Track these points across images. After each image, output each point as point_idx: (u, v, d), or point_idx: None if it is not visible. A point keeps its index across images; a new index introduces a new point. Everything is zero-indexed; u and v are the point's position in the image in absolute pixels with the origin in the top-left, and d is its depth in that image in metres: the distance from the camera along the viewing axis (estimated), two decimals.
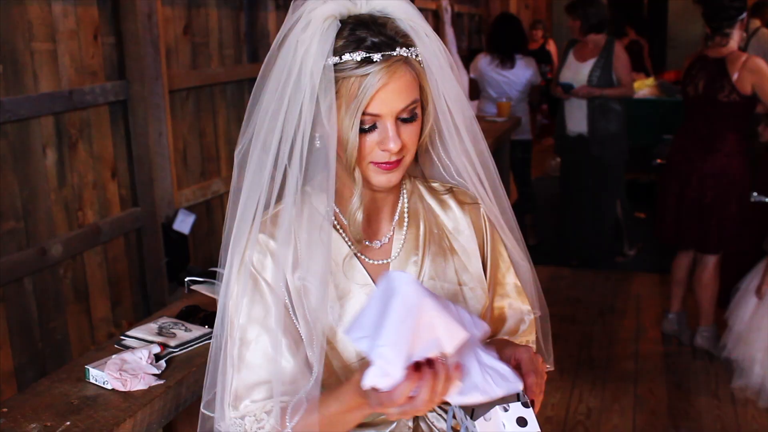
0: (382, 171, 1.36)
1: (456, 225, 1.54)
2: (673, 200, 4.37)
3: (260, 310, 1.37)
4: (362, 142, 1.32)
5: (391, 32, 1.31)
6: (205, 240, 3.92)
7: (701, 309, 4.46)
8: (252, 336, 1.36)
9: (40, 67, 2.87)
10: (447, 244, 1.52)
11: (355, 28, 1.31)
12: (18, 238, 2.78)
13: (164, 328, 2.06)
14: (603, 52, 5.51)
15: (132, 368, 1.82)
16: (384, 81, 1.28)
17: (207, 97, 3.94)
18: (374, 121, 1.31)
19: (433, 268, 1.48)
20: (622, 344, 4.68)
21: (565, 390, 4.09)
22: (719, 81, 4.09)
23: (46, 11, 2.89)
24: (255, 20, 4.30)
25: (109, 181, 3.27)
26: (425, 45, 1.35)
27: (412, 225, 1.50)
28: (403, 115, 1.32)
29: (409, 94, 1.32)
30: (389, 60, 1.28)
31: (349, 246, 1.44)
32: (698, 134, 4.27)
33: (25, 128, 2.81)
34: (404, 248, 1.48)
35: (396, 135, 1.31)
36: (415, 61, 1.33)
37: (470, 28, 9.65)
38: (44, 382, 1.84)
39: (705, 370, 4.31)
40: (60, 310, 2.99)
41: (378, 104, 1.29)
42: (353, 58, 1.28)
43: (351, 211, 1.38)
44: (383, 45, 1.29)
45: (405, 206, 1.50)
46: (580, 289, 5.59)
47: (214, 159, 4.00)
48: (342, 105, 1.29)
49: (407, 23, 1.35)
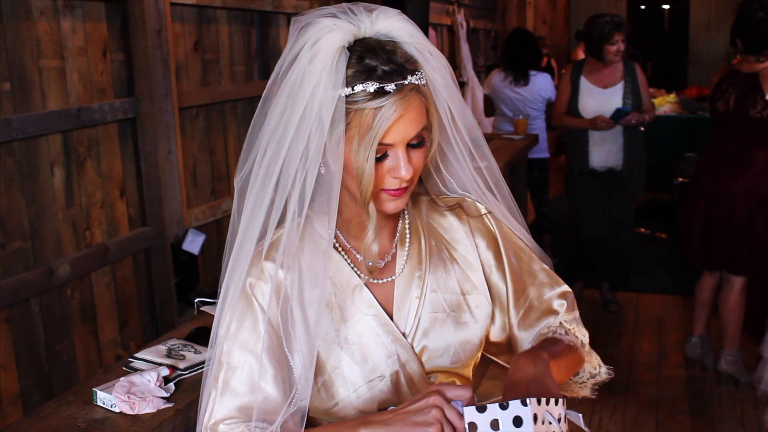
0: (392, 198, 1.37)
1: (454, 234, 1.55)
2: (700, 219, 4.30)
3: (250, 335, 1.37)
4: (376, 172, 1.33)
5: (401, 59, 1.32)
6: (216, 260, 3.93)
7: (726, 332, 4.39)
8: (238, 362, 1.36)
9: (48, 85, 2.90)
10: (446, 254, 1.53)
11: (363, 55, 1.31)
12: (25, 258, 2.80)
13: (173, 350, 2.07)
14: (627, 76, 5.15)
15: (140, 391, 1.83)
16: (400, 113, 1.29)
17: (217, 114, 3.96)
18: (385, 149, 1.33)
19: (435, 281, 1.49)
20: (644, 368, 4.65)
21: (583, 416, 4.06)
22: (752, 96, 4.04)
23: (55, 27, 2.92)
24: (266, 36, 4.33)
25: (118, 200, 3.30)
26: (430, 64, 1.37)
27: (414, 241, 1.51)
28: (413, 141, 1.34)
29: (421, 121, 1.33)
30: (403, 90, 1.29)
31: (358, 276, 1.45)
32: (727, 151, 4.20)
33: (33, 146, 2.84)
34: (408, 264, 1.49)
35: (408, 163, 1.33)
36: (423, 87, 1.34)
37: (486, 44, 9.69)
38: (51, 404, 1.85)
39: (730, 396, 4.27)
40: (67, 331, 3.00)
41: (392, 135, 1.31)
42: (366, 89, 1.28)
43: (366, 244, 1.39)
44: (394, 74, 1.30)
45: (406, 223, 1.52)
46: (599, 310, 5.57)
47: (224, 178, 4.02)
48: (354, 136, 1.30)
49: (413, 47, 1.36)
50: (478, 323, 1.51)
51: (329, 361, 1.40)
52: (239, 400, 1.35)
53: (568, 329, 1.58)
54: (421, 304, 1.46)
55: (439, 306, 1.48)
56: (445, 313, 1.48)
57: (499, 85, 6.25)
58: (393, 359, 1.42)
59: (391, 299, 1.46)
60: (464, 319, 1.49)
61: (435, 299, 1.48)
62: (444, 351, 1.47)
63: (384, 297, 1.46)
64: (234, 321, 1.38)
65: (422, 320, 1.46)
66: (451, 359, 1.48)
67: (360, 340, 1.41)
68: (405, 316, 1.46)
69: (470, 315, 1.50)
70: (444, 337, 1.47)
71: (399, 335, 1.43)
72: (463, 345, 1.49)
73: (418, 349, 1.45)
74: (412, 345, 1.45)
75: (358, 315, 1.43)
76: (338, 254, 1.45)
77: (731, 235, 4.21)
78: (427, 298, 1.47)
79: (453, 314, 1.48)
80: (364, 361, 1.40)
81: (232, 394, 1.36)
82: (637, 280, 6.06)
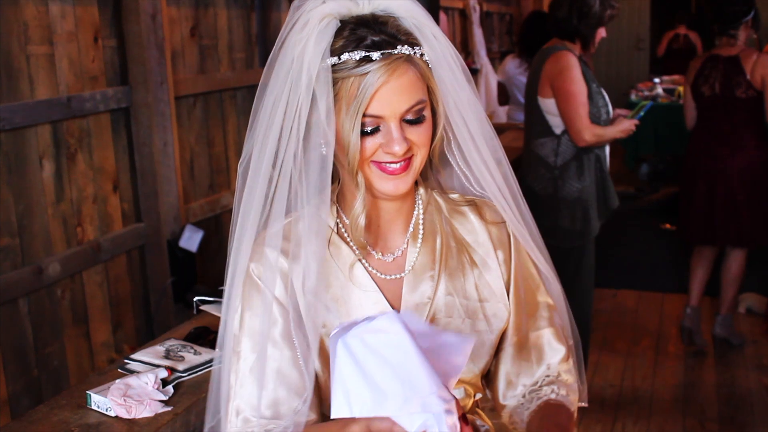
0: (388, 177, 1.38)
1: (475, 238, 1.55)
2: (701, 199, 4.73)
3: (262, 322, 1.38)
4: (365, 145, 1.34)
5: (393, 30, 1.35)
6: (214, 258, 3.94)
7: (725, 298, 4.87)
8: (254, 349, 1.39)
9: (37, 72, 2.91)
10: (467, 258, 1.53)
11: (356, 27, 1.34)
12: (12, 256, 2.81)
13: (172, 351, 2.08)
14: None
15: (137, 394, 1.84)
16: (383, 79, 1.30)
17: (216, 103, 3.97)
18: (377, 123, 1.34)
19: (451, 285, 1.49)
20: (670, 372, 4.65)
21: (606, 423, 4.07)
22: (735, 78, 4.50)
23: (43, 12, 2.93)
24: (267, 21, 4.34)
25: (111, 195, 3.31)
26: (433, 46, 1.38)
27: (428, 238, 1.50)
28: (408, 116, 1.35)
29: (413, 93, 1.34)
30: (389, 58, 1.31)
31: (354, 253, 1.46)
32: (721, 132, 4.64)
33: (21, 138, 2.85)
34: (418, 262, 1.48)
35: (401, 137, 1.34)
36: (419, 59, 1.36)
37: (500, 29, 9.68)
38: (42, 408, 1.86)
39: (762, 403, 4.27)
40: (57, 333, 3.01)
41: (379, 105, 1.32)
42: (352, 57, 1.31)
43: (354, 216, 1.40)
44: (384, 43, 1.32)
45: (420, 218, 1.52)
46: (621, 312, 5.57)
47: (223, 171, 4.03)
48: (342, 107, 1.33)
49: (410, 21, 1.38)
50: (494, 333, 1.52)
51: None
52: (259, 390, 1.37)
53: (566, 385, 1.58)
54: (432, 306, 1.47)
55: (455, 312, 1.48)
56: (460, 319, 1.48)
57: (514, 71, 6.25)
58: None
59: (399, 297, 1.46)
60: (479, 328, 1.50)
61: (451, 303, 1.48)
62: None
63: (392, 294, 1.46)
64: (246, 311, 1.40)
65: (435, 324, 1.46)
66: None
67: None
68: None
69: (486, 323, 1.51)
70: None
71: None
72: (475, 353, 1.48)
73: None
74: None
75: (364, 310, 1.43)
76: (345, 245, 1.46)
77: (736, 211, 4.66)
78: (441, 302, 1.47)
79: (468, 321, 1.49)
80: None
81: (253, 385, 1.37)
82: (663, 280, 6.06)
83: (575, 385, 1.61)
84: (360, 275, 1.45)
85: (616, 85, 10.75)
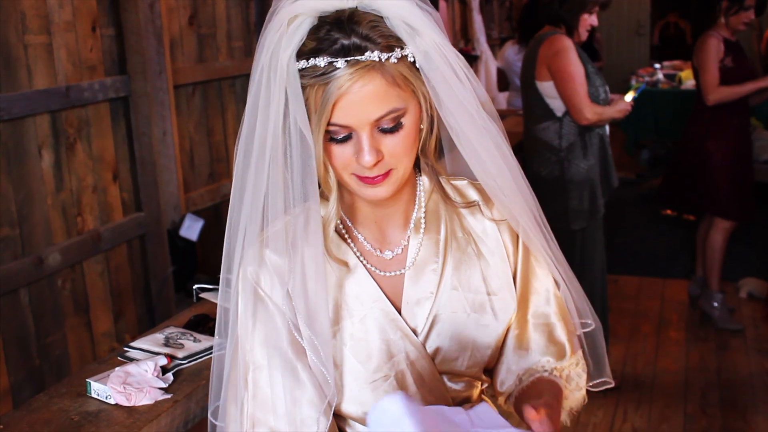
0: (366, 185, 1.33)
1: (483, 227, 1.50)
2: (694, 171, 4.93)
3: (269, 331, 1.36)
4: (334, 154, 1.30)
5: (367, 31, 1.26)
6: (215, 247, 3.94)
7: (710, 273, 4.98)
8: (264, 360, 1.36)
9: (35, 62, 2.90)
10: (474, 249, 1.48)
11: (332, 28, 1.27)
12: (13, 247, 2.82)
13: (171, 338, 2.08)
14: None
15: (137, 381, 1.84)
16: (345, 89, 1.24)
17: (215, 92, 3.97)
18: (347, 131, 1.28)
19: (456, 277, 1.45)
20: (671, 358, 4.66)
21: (607, 408, 4.08)
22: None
23: (41, 1, 2.93)
24: (266, 9, 4.30)
25: (110, 184, 3.31)
26: (421, 48, 1.30)
27: (431, 229, 1.46)
28: (382, 124, 1.28)
29: (384, 102, 1.27)
30: (355, 66, 1.24)
31: (365, 266, 1.43)
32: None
33: (19, 128, 2.85)
34: (420, 255, 1.44)
35: (372, 148, 1.28)
36: (397, 64, 1.27)
37: (501, 15, 9.65)
38: (42, 397, 1.87)
39: (763, 387, 4.27)
40: (58, 323, 3.02)
41: (343, 114, 1.26)
42: (317, 63, 1.25)
43: (327, 215, 1.38)
44: (353, 48, 1.24)
45: (422, 209, 1.47)
46: (622, 298, 5.57)
47: (223, 159, 4.03)
48: (312, 114, 1.28)
49: (397, 21, 1.29)
50: (501, 325, 1.48)
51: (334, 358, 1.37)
52: (272, 401, 1.35)
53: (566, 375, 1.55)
54: (436, 300, 1.43)
55: (460, 306, 1.44)
56: (465, 314, 1.44)
57: (513, 58, 6.25)
58: (400, 357, 1.40)
59: (401, 292, 1.43)
60: (485, 322, 1.46)
61: (456, 298, 1.44)
62: (460, 354, 1.44)
63: (393, 290, 1.43)
64: (249, 319, 1.37)
65: (438, 319, 1.43)
66: (467, 363, 1.46)
67: (366, 336, 1.39)
68: (415, 311, 1.43)
69: (493, 317, 1.46)
70: (462, 339, 1.44)
71: (408, 331, 1.41)
72: (481, 348, 1.46)
73: (430, 349, 1.42)
74: (425, 344, 1.42)
75: (364, 309, 1.40)
76: (344, 243, 1.43)
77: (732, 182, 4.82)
78: (445, 296, 1.43)
79: (474, 315, 1.45)
80: (368, 359, 1.39)
81: (264, 394, 1.36)
82: (664, 265, 6.07)
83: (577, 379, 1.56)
84: (360, 275, 1.42)
85: (618, 70, 10.71)
